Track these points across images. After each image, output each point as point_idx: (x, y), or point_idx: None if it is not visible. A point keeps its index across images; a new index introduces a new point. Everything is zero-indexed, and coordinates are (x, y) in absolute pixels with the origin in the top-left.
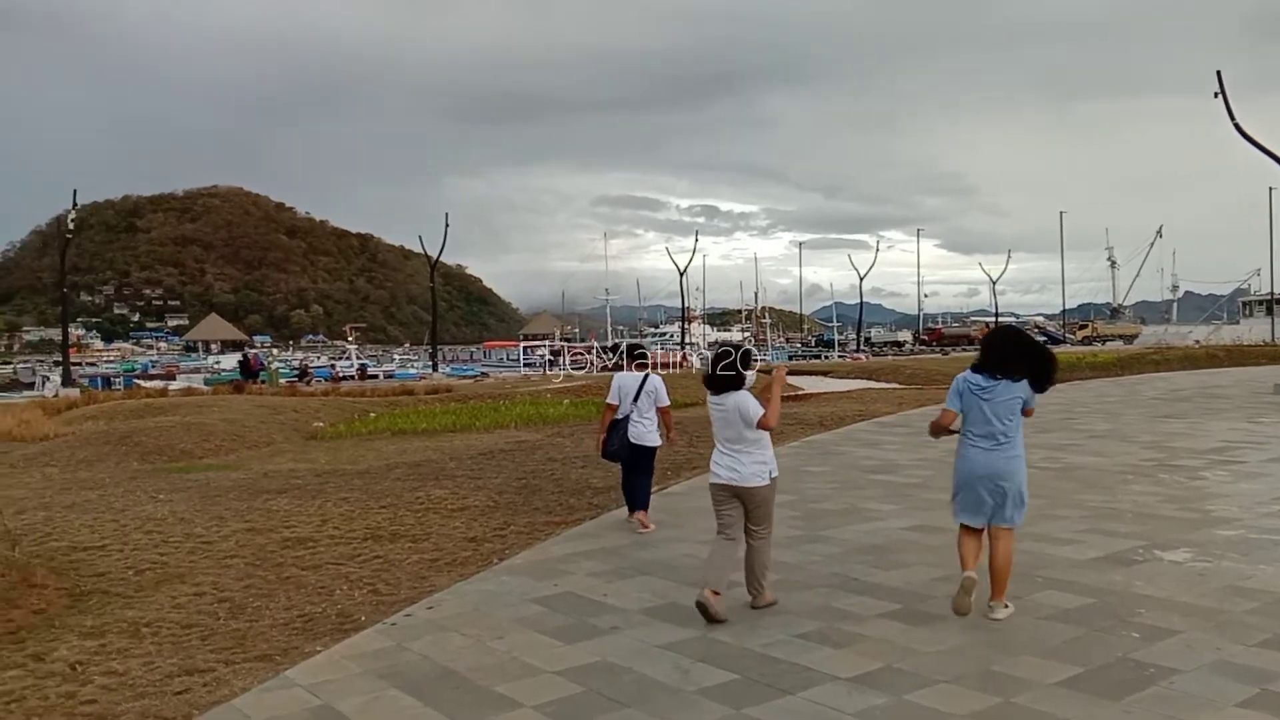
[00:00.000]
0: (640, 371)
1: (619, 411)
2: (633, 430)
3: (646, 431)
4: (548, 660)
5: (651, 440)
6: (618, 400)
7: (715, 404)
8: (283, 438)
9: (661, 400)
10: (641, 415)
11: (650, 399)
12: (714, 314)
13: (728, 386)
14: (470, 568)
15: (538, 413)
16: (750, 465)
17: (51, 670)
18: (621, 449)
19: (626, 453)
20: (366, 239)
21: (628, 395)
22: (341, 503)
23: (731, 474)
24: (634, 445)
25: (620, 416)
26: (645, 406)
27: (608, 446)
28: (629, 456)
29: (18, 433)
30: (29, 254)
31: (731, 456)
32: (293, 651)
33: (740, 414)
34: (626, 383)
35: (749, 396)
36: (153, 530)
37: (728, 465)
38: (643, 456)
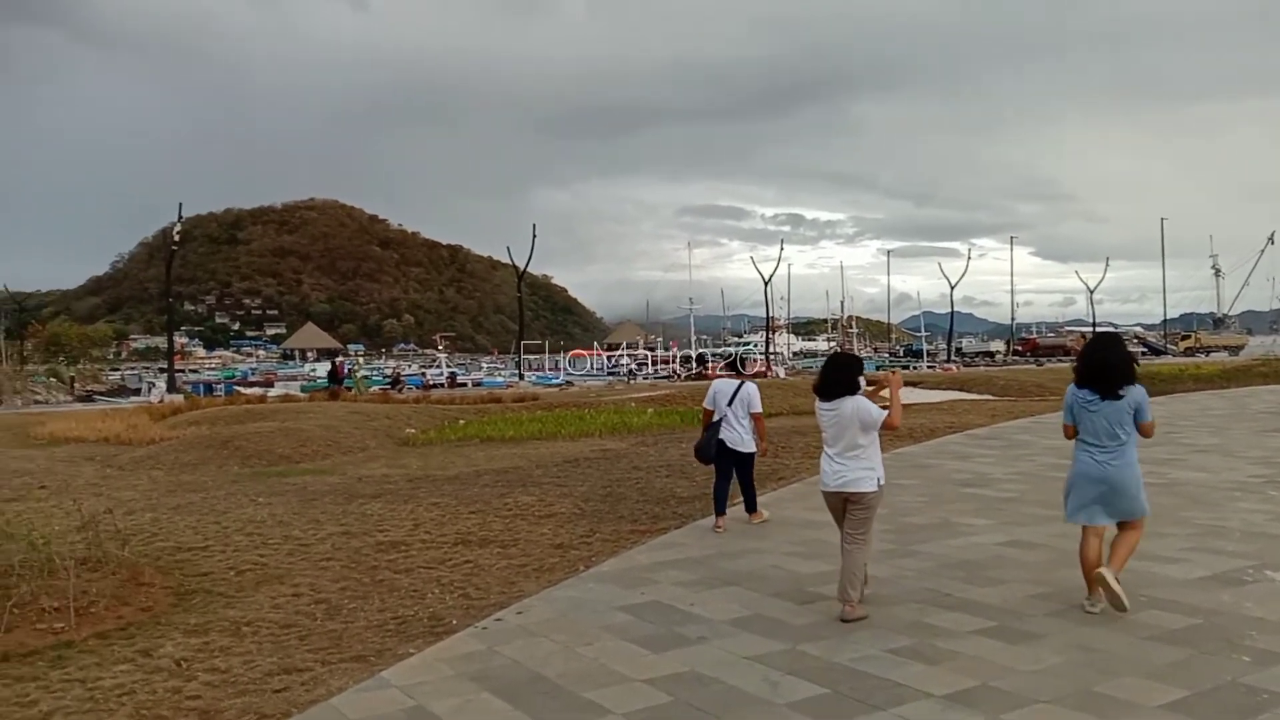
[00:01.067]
0: (736, 378)
1: (715, 415)
2: (726, 435)
3: (738, 437)
4: (636, 668)
5: (747, 447)
6: (713, 405)
7: (827, 410)
8: (376, 443)
9: (754, 407)
10: (736, 421)
11: (744, 405)
12: (799, 323)
13: (842, 392)
14: (558, 574)
15: (622, 421)
16: (860, 470)
17: (158, 666)
18: (708, 448)
19: (714, 454)
20: (456, 250)
21: (722, 400)
22: (433, 508)
23: (841, 480)
24: (728, 450)
25: (716, 420)
26: (739, 412)
27: (698, 448)
28: (721, 461)
29: (126, 436)
30: (137, 265)
31: (840, 462)
32: (387, 653)
33: (859, 418)
34: (722, 389)
35: (867, 400)
36: (253, 532)
37: (837, 471)
38: (738, 461)
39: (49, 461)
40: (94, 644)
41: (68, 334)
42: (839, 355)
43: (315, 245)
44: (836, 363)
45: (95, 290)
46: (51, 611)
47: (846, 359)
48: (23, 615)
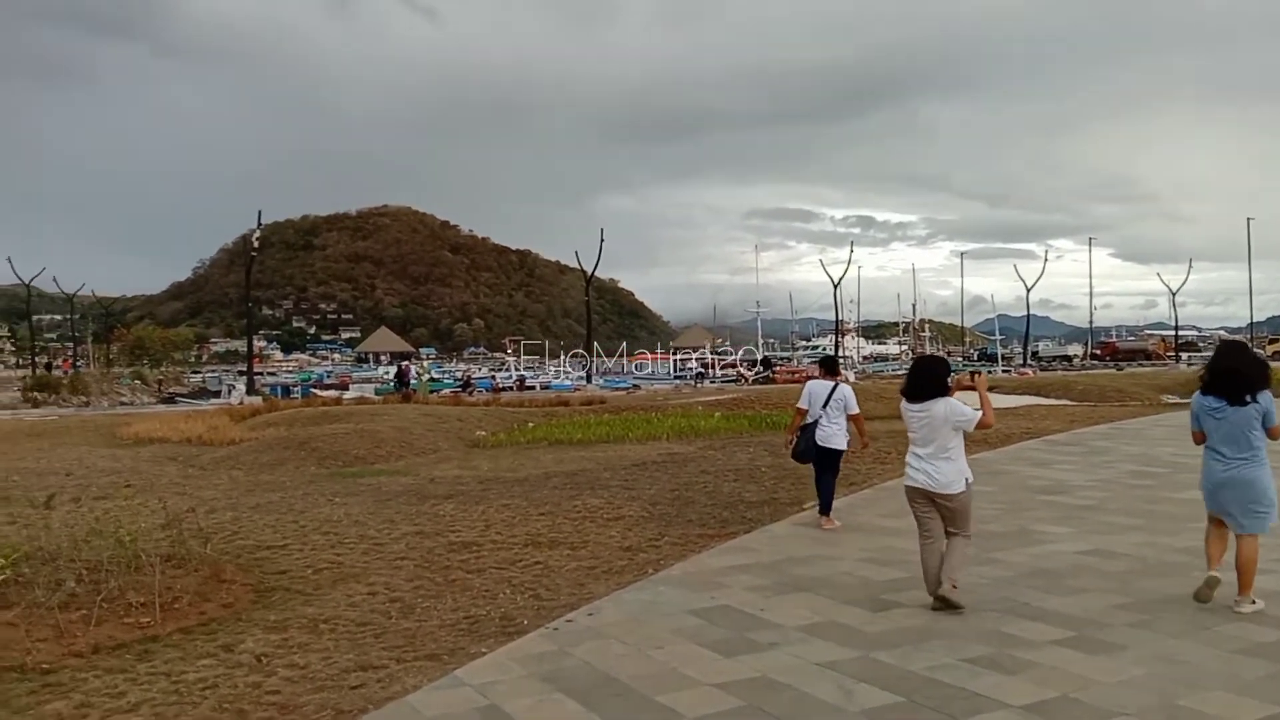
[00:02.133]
0: (831, 380)
1: (809, 416)
2: (820, 433)
3: (833, 435)
4: (707, 672)
5: (837, 444)
6: (808, 405)
7: (916, 411)
8: (447, 445)
9: (851, 408)
10: (830, 420)
11: (839, 406)
12: (869, 327)
13: (932, 394)
14: (627, 577)
15: (689, 425)
16: (949, 473)
17: (239, 661)
18: (808, 451)
19: (814, 455)
20: (525, 255)
21: (817, 401)
22: (503, 509)
23: (930, 480)
24: (821, 448)
25: (810, 421)
26: (834, 412)
27: (796, 448)
28: (817, 458)
29: (208, 437)
30: (217, 270)
31: (929, 463)
32: (460, 652)
33: (952, 419)
34: (817, 389)
35: (958, 401)
36: (329, 531)
37: (926, 472)
38: (830, 457)
39: (134, 461)
40: (178, 638)
41: (151, 338)
42: (927, 358)
43: (388, 251)
44: (925, 365)
45: (177, 295)
46: (138, 606)
47: (934, 361)
48: (111, 609)
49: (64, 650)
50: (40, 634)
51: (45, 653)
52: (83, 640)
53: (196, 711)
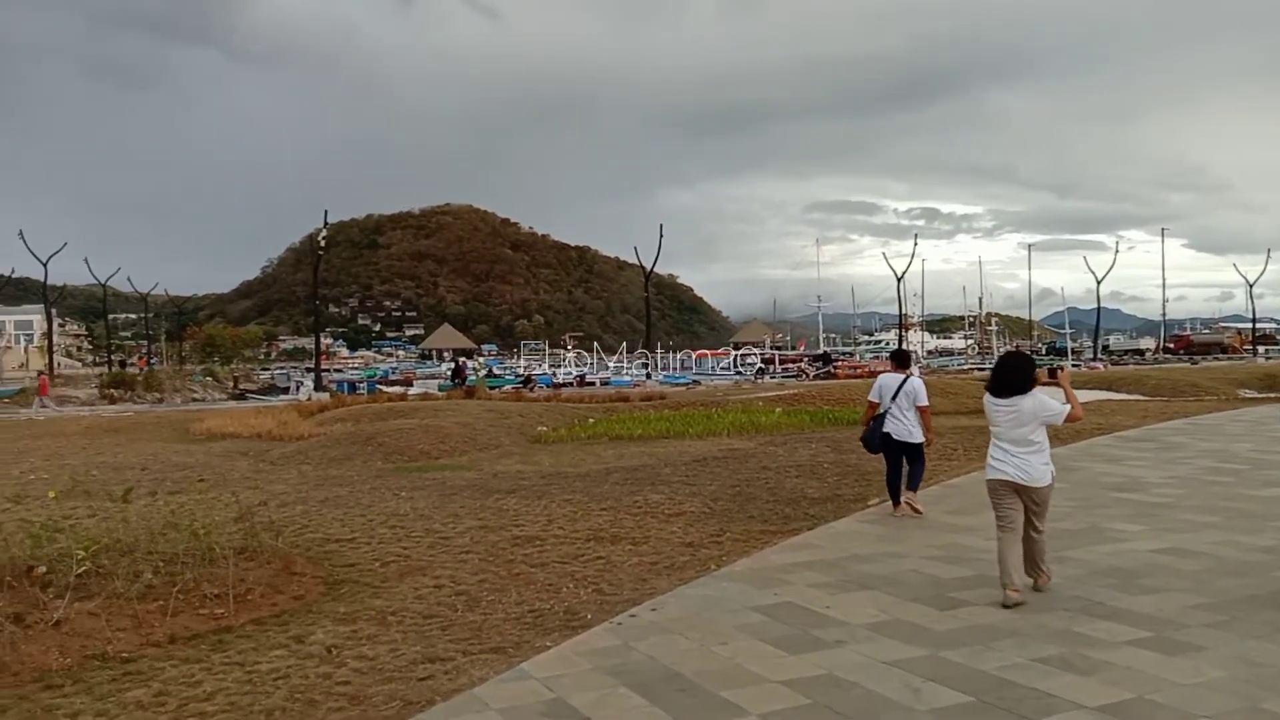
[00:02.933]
0: (901, 372)
1: (880, 408)
2: (890, 426)
3: (905, 429)
4: (772, 669)
5: (911, 437)
6: (878, 398)
7: (1003, 405)
8: (510, 441)
9: (920, 400)
10: (901, 413)
11: (909, 398)
12: (933, 320)
13: (1018, 389)
14: (689, 572)
15: (750, 421)
16: (1038, 466)
17: (310, 652)
18: (872, 439)
19: (878, 445)
20: (584, 251)
21: (888, 394)
22: (565, 504)
23: (1020, 473)
24: (894, 440)
25: (881, 413)
26: (904, 405)
27: (864, 438)
28: (888, 451)
29: (277, 433)
30: (285, 270)
31: (1018, 457)
32: (525, 645)
33: (1041, 413)
34: (888, 382)
35: (1045, 395)
36: (396, 525)
37: (1015, 465)
38: (906, 451)
39: (207, 456)
40: (251, 629)
41: (222, 335)
42: (1013, 354)
43: (450, 249)
44: (1011, 361)
45: (247, 294)
46: (212, 598)
47: (1020, 357)
48: (186, 601)
49: (142, 640)
50: (120, 624)
51: (125, 642)
52: (160, 630)
53: (269, 701)
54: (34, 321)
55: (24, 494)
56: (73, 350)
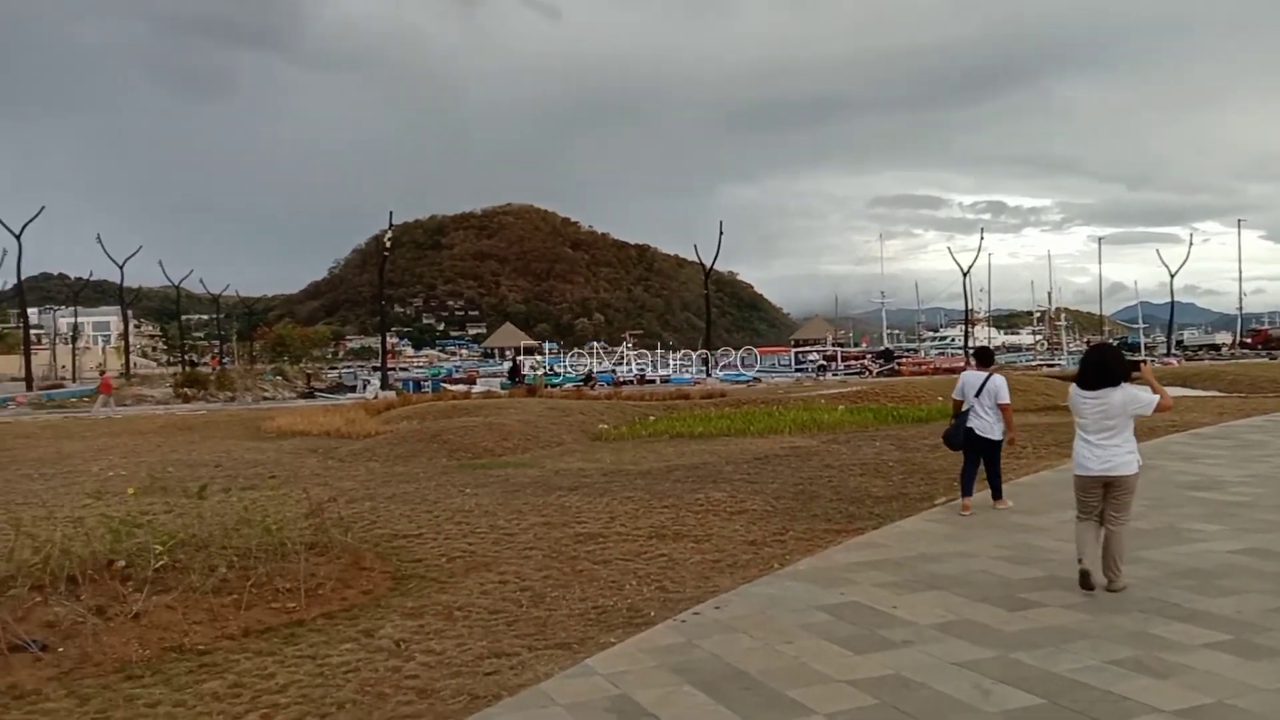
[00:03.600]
0: (984, 370)
1: (964, 406)
2: (974, 423)
3: (987, 426)
4: (838, 669)
5: (992, 434)
6: (962, 395)
7: (1091, 398)
8: (571, 438)
9: (1001, 398)
10: (983, 410)
11: (991, 396)
12: (1000, 316)
13: (1108, 382)
14: (752, 571)
15: (812, 419)
16: (1124, 455)
17: (379, 646)
18: (954, 436)
19: (960, 442)
20: (644, 249)
21: (970, 391)
22: (627, 501)
23: (1105, 465)
24: (976, 437)
25: (965, 410)
26: (986, 402)
27: (946, 434)
28: (970, 447)
29: (345, 430)
30: (351, 270)
31: (1102, 448)
32: (589, 641)
33: (1131, 405)
34: (970, 380)
35: (1134, 387)
36: (461, 521)
37: (1101, 457)
38: (986, 448)
39: (278, 453)
40: (322, 623)
41: (291, 335)
42: (1101, 346)
43: (512, 248)
44: (1100, 354)
45: (315, 294)
46: (284, 592)
47: (1109, 350)
48: (259, 594)
49: (217, 632)
50: (195, 617)
51: (200, 634)
52: (234, 623)
53: (340, 694)
54: (111, 323)
55: (104, 490)
56: (148, 350)
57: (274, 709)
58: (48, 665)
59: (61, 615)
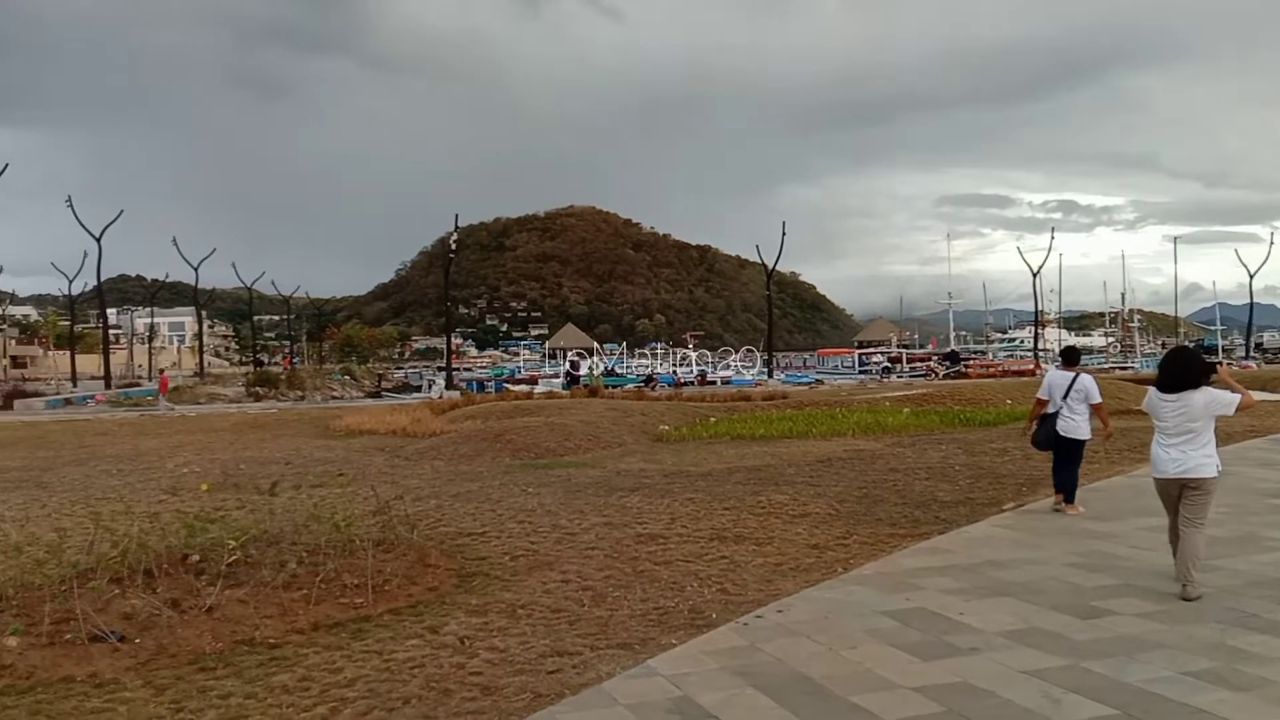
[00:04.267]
0: (1070, 370)
1: (1049, 406)
2: (1061, 424)
3: (1075, 425)
4: (903, 675)
5: (1079, 434)
6: (1048, 396)
7: (1171, 402)
8: (632, 439)
9: (1093, 397)
10: (1071, 410)
11: (1080, 395)
12: (1070, 317)
13: (1187, 385)
14: (815, 574)
15: (876, 421)
16: (1202, 457)
17: (444, 642)
18: (1047, 440)
19: (1053, 444)
20: (705, 250)
21: (1058, 391)
22: (688, 503)
23: (1181, 467)
24: (1062, 438)
25: (1051, 411)
26: (1074, 402)
27: (1036, 437)
28: (1056, 448)
29: (411, 429)
30: (417, 272)
31: (1180, 450)
32: (650, 642)
33: (1211, 405)
34: (1057, 380)
35: (1214, 389)
36: (524, 520)
37: (1178, 460)
38: (1071, 448)
39: (346, 451)
40: (388, 619)
41: (359, 336)
42: (1180, 349)
43: (574, 250)
44: (1180, 357)
45: (382, 296)
46: (352, 588)
47: (1190, 353)
48: (328, 590)
49: (287, 627)
50: (266, 611)
51: (271, 628)
52: (303, 618)
53: (406, 689)
54: (185, 323)
55: (179, 486)
56: (221, 350)
57: (341, 703)
58: (125, 655)
59: (138, 607)
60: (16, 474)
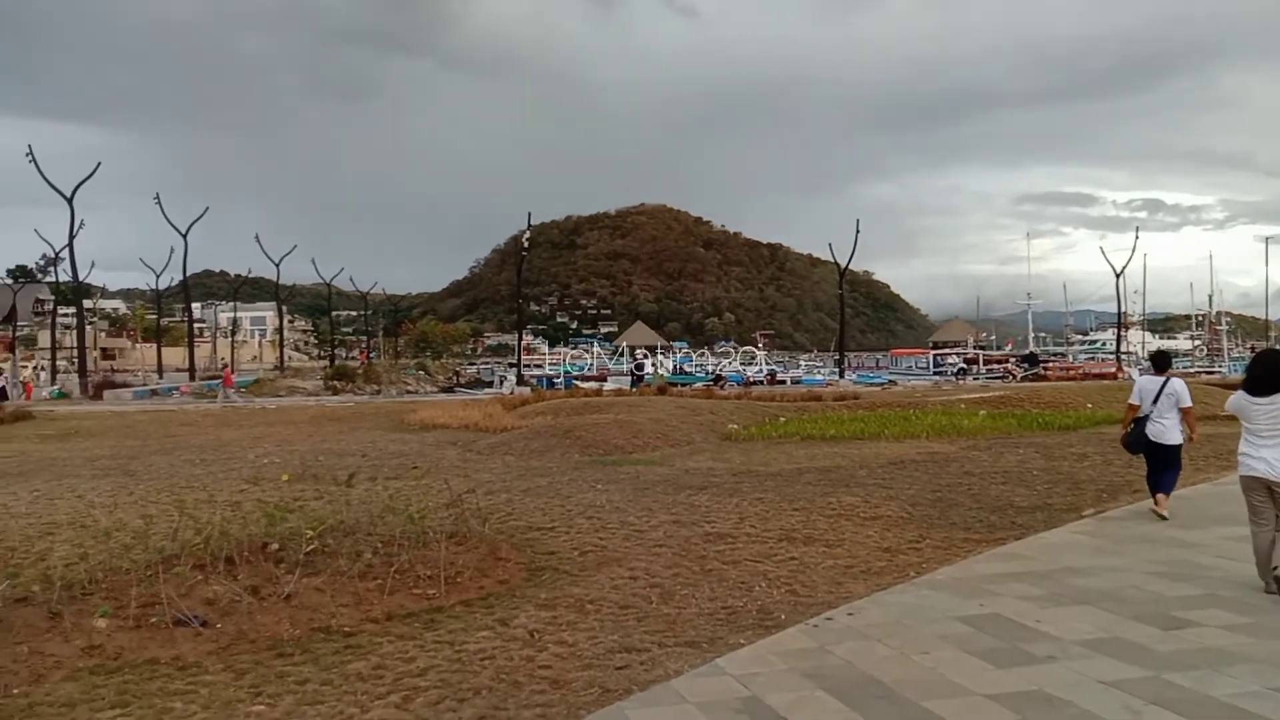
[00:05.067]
0: (1161, 375)
1: (1140, 411)
2: (1152, 429)
3: (1166, 430)
4: (978, 682)
5: (1171, 439)
6: (1139, 401)
7: (1262, 404)
8: (700, 438)
9: (1183, 402)
10: (1161, 415)
11: (1170, 400)
12: (1155, 319)
13: (1277, 388)
14: (887, 578)
15: (951, 424)
16: None
17: (514, 635)
18: (1136, 442)
19: (1142, 447)
20: (776, 248)
21: (1148, 396)
22: (756, 502)
23: (1272, 469)
24: (1154, 443)
25: (1142, 416)
26: (1165, 407)
27: (1127, 440)
28: (1151, 453)
29: (483, 424)
30: (490, 270)
31: (1274, 452)
32: (719, 641)
33: None
34: (1147, 385)
35: None
36: (593, 516)
37: (1269, 460)
38: (1166, 453)
39: (420, 445)
40: (460, 610)
41: (433, 332)
42: (1272, 352)
43: (644, 248)
44: (1271, 359)
45: (456, 293)
46: (425, 579)
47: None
48: (402, 580)
49: (362, 616)
50: (342, 599)
51: (347, 617)
52: (378, 607)
53: (477, 680)
54: (267, 317)
55: (260, 476)
56: (300, 344)
57: (414, 692)
58: (207, 640)
59: (220, 593)
60: (106, 462)
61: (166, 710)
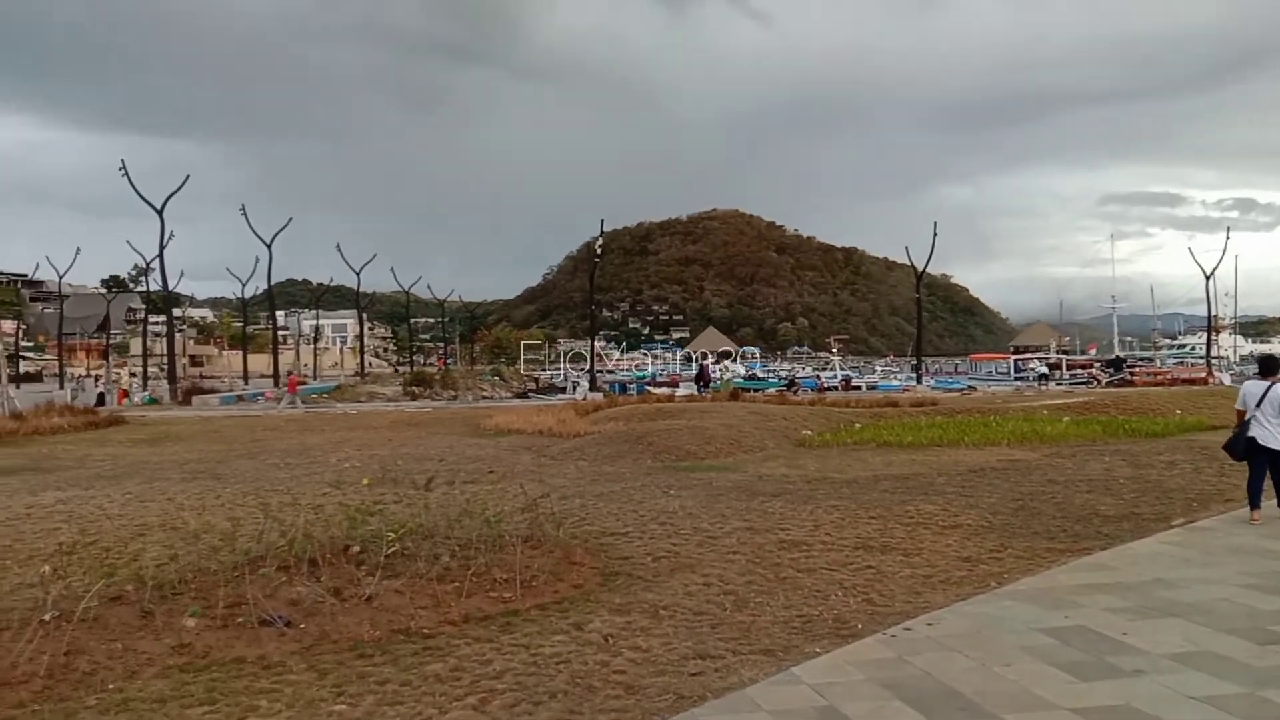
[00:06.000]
0: (1267, 380)
1: (1245, 416)
2: (1256, 432)
3: (1269, 435)
4: (1062, 695)
5: (1274, 443)
6: (1243, 406)
7: None
8: (774, 444)
9: None
10: (1265, 420)
11: (1275, 405)
12: (1247, 322)
13: None
14: (967, 588)
15: (1033, 430)
16: None
17: (588, 640)
18: (1235, 444)
19: (1240, 451)
20: (851, 252)
21: (1252, 401)
22: (831, 510)
23: None
24: (1260, 447)
25: (1246, 420)
26: (1270, 412)
27: (1231, 444)
28: (1253, 457)
29: (557, 429)
30: (563, 276)
31: None
32: (794, 650)
33: None
34: (1252, 390)
35: None
36: (666, 522)
37: None
38: (1270, 458)
39: (496, 450)
40: (535, 614)
41: (508, 338)
42: None
43: (716, 253)
44: None
45: (530, 299)
46: (501, 582)
47: None
48: (478, 584)
49: (440, 618)
50: (421, 602)
51: (425, 619)
52: (455, 610)
53: (552, 684)
54: (348, 325)
55: (342, 480)
56: (380, 351)
57: (491, 694)
58: (291, 640)
59: (303, 595)
60: (194, 465)
61: (252, 708)
